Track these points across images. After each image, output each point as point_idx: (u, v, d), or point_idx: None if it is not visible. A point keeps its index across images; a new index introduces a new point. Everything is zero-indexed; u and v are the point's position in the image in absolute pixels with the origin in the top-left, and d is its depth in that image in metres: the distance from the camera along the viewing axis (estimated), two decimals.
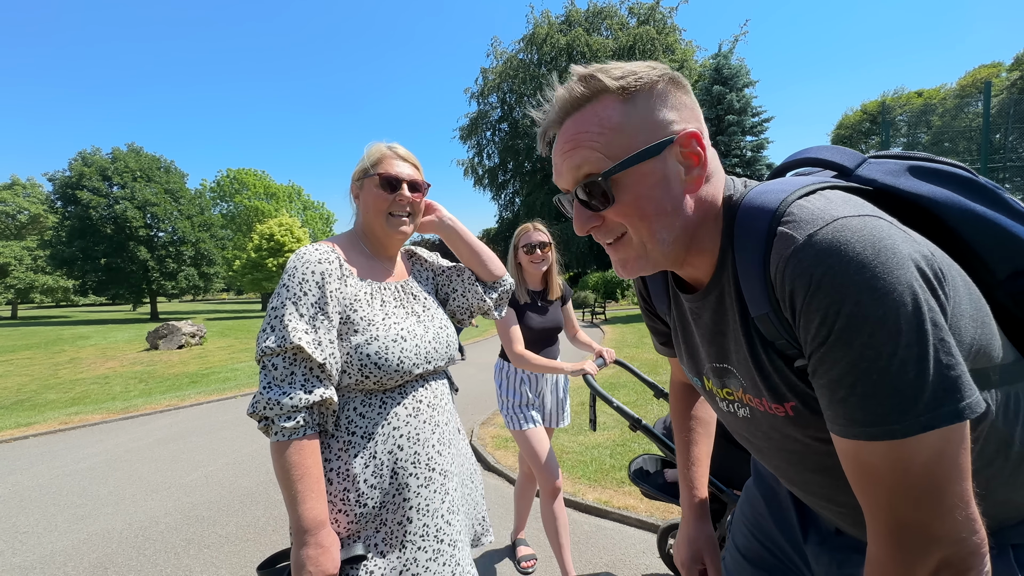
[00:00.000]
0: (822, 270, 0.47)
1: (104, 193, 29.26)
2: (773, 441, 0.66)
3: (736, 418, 0.69)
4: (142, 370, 11.87)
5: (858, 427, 0.47)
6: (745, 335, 0.60)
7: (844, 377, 0.47)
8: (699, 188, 0.58)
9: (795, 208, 0.53)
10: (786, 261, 0.50)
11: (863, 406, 0.46)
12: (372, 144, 1.14)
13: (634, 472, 1.67)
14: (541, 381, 2.15)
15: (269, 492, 3.34)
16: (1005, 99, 13.58)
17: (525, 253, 2.05)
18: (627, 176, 0.56)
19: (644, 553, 2.37)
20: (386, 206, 1.10)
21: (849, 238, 0.47)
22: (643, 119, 0.56)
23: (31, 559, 2.59)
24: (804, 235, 0.49)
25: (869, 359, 0.45)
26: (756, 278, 0.55)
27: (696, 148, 0.57)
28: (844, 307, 0.45)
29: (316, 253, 1.02)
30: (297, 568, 0.89)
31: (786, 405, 0.58)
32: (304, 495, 0.89)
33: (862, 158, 0.65)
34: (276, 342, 0.93)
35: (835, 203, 0.52)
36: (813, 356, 0.50)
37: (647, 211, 0.57)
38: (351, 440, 1.00)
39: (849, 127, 36.51)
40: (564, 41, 26.74)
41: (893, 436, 0.45)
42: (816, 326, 0.48)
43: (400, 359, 1.02)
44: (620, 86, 0.56)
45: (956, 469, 0.45)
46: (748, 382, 0.63)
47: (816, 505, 0.71)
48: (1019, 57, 27.71)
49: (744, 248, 0.57)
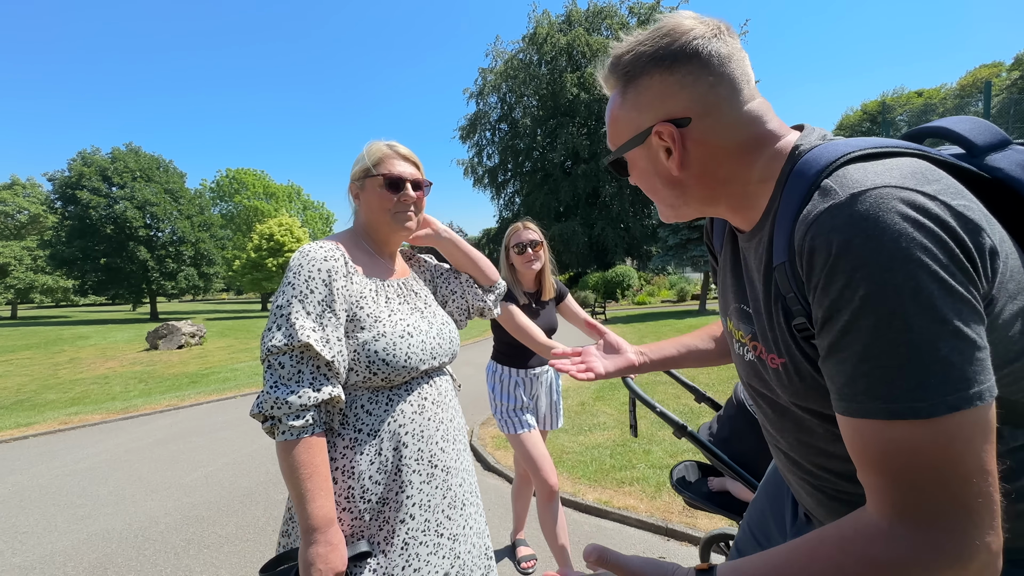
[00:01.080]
0: (851, 234, 0.45)
1: (104, 193, 29.22)
2: (766, 391, 0.67)
3: (743, 361, 0.70)
4: (142, 370, 11.86)
5: (883, 403, 0.44)
6: (764, 283, 0.60)
7: (870, 348, 0.44)
8: (681, 170, 0.62)
9: (850, 166, 0.51)
10: (816, 216, 0.49)
11: (889, 380, 0.44)
12: (372, 143, 1.15)
13: (677, 480, 1.61)
14: (536, 383, 2.13)
15: (269, 492, 3.33)
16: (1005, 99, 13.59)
17: (516, 253, 2.00)
18: (627, 158, 0.68)
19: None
20: (391, 206, 1.10)
21: (892, 206, 0.45)
22: (631, 110, 0.64)
23: (31, 559, 2.58)
24: (846, 193, 0.47)
25: (898, 330, 0.43)
26: (786, 227, 0.54)
27: (665, 142, 0.62)
28: (873, 274, 0.44)
29: (321, 251, 1.02)
30: (306, 566, 0.89)
31: (779, 360, 0.60)
32: (314, 493, 0.89)
33: (1003, 140, 0.58)
34: (283, 340, 0.92)
35: (893, 170, 0.49)
36: (830, 325, 0.47)
37: (647, 186, 0.68)
38: (357, 437, 1.00)
39: (849, 127, 36.52)
40: (564, 41, 26.76)
41: (918, 415, 0.43)
42: (839, 290, 0.46)
43: (408, 355, 1.03)
44: (621, 74, 0.63)
45: (985, 455, 0.43)
46: (759, 328, 0.64)
47: (786, 471, 0.72)
48: (1019, 57, 27.69)
49: (790, 196, 0.56)
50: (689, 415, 4.30)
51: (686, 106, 0.59)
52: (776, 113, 0.62)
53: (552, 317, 2.14)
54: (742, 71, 0.59)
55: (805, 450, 0.64)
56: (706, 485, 1.57)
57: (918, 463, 0.44)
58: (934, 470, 0.43)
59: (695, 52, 0.58)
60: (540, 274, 2.08)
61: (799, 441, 0.64)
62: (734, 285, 0.71)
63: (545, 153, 28.87)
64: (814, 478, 0.65)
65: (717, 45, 0.58)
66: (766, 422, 0.72)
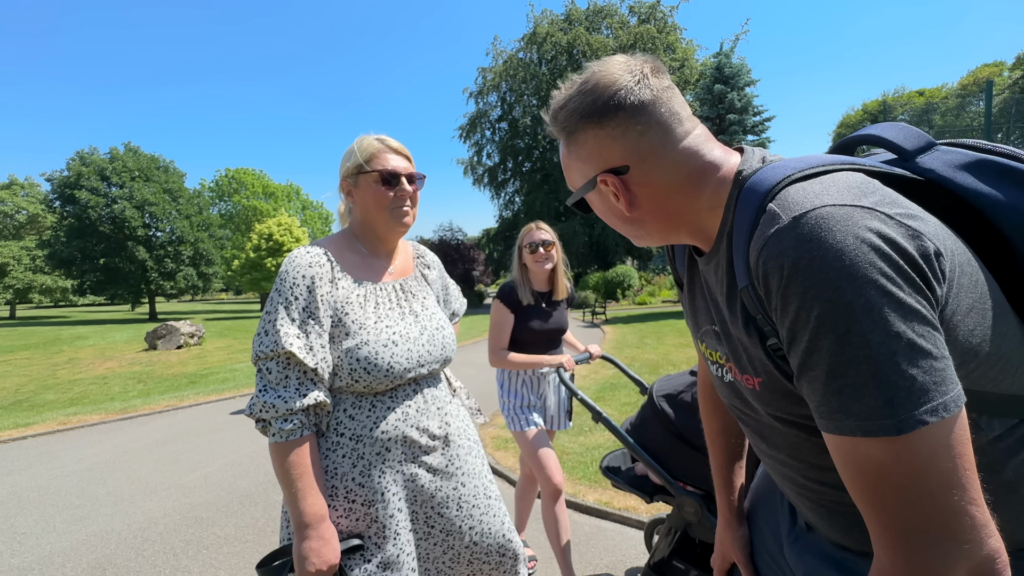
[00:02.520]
0: (798, 255, 0.46)
1: (102, 193, 29.17)
2: (749, 412, 0.67)
3: (723, 383, 0.70)
4: (141, 370, 11.84)
5: (856, 421, 0.45)
6: (729, 306, 0.61)
7: (835, 367, 0.45)
8: (631, 210, 0.65)
9: (790, 189, 0.53)
10: (765, 240, 0.50)
11: (859, 397, 0.44)
12: (362, 137, 1.12)
13: (605, 467, 1.75)
14: (543, 383, 2.13)
15: (268, 493, 3.32)
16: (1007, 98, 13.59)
17: (529, 252, 2.03)
18: (587, 199, 0.70)
19: (644, 555, 2.36)
20: (387, 202, 1.08)
21: (833, 225, 0.46)
22: (576, 160, 0.67)
23: (29, 560, 2.57)
24: (788, 216, 0.49)
25: (856, 346, 0.43)
26: (742, 251, 0.56)
27: (611, 189, 0.64)
28: (822, 293, 0.45)
29: (307, 256, 1.02)
30: (300, 560, 0.92)
31: (755, 380, 0.60)
32: (304, 492, 0.93)
33: (929, 143, 0.62)
34: (269, 347, 0.95)
35: (831, 188, 0.51)
36: (796, 347, 0.48)
37: (609, 222, 0.69)
38: (339, 441, 1.01)
39: (850, 127, 36.51)
40: (565, 40, 26.72)
41: (888, 432, 0.43)
42: (794, 312, 0.47)
43: (390, 364, 1.02)
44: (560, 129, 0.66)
45: (964, 461, 0.43)
46: (729, 350, 0.64)
47: (782, 486, 0.71)
48: (1021, 56, 27.70)
49: (741, 220, 0.58)
50: None
51: (622, 155, 0.62)
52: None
53: (563, 317, 2.16)
54: (670, 111, 0.61)
55: (798, 465, 0.63)
56: (633, 471, 1.70)
57: (895, 482, 0.44)
58: (909, 489, 0.43)
59: (619, 105, 0.60)
60: (553, 274, 2.10)
61: (791, 456, 0.64)
62: (703, 307, 0.71)
63: (545, 153, 28.83)
64: (811, 492, 0.64)
65: (641, 93, 0.60)
66: (755, 439, 0.71)
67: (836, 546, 0.66)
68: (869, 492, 0.46)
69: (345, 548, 0.97)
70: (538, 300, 2.07)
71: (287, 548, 0.99)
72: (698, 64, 25.45)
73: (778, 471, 0.69)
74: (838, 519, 0.63)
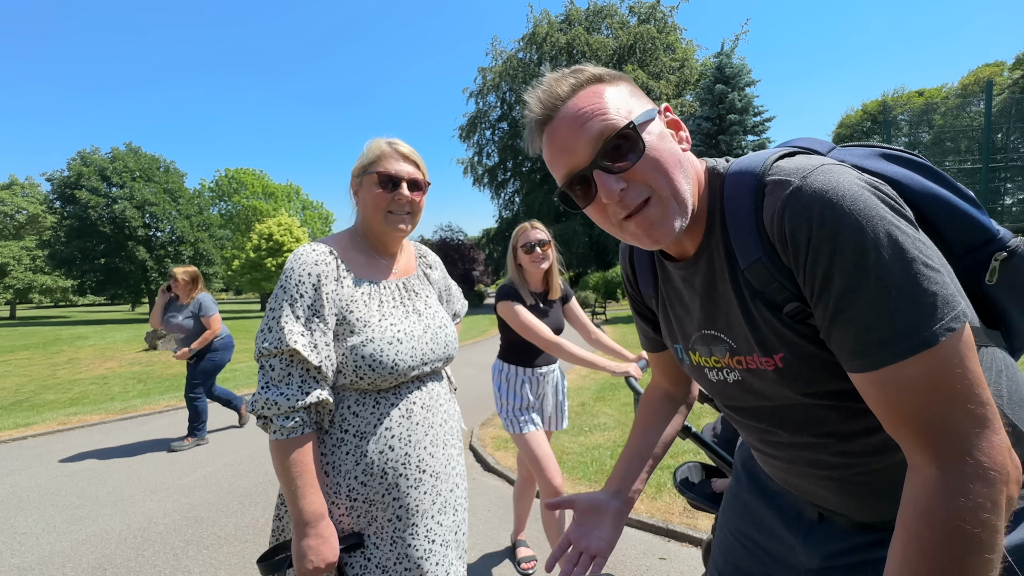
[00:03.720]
0: (820, 205, 0.51)
1: (103, 193, 29.19)
2: (764, 404, 0.68)
3: (727, 384, 0.71)
4: (141, 370, 11.85)
5: (896, 346, 0.49)
6: (735, 290, 0.63)
7: (872, 301, 0.49)
8: (688, 148, 0.66)
9: (779, 164, 0.59)
10: (784, 202, 0.54)
11: (895, 323, 0.48)
12: (373, 140, 1.13)
13: (680, 481, 1.59)
14: (543, 383, 2.12)
15: (268, 493, 3.33)
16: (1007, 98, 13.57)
17: (524, 252, 2.01)
18: (643, 131, 0.60)
19: (644, 554, 2.36)
20: (385, 204, 1.08)
21: (837, 178, 0.52)
22: (629, 95, 0.64)
23: (29, 560, 2.57)
24: (797, 178, 0.54)
25: (887, 276, 0.48)
26: (747, 227, 0.60)
27: (674, 116, 0.66)
28: (851, 234, 0.49)
29: (313, 254, 1.02)
30: (299, 558, 0.93)
31: (775, 357, 0.61)
32: (303, 490, 0.93)
33: (832, 146, 0.69)
34: (273, 344, 0.95)
35: (813, 158, 0.59)
36: (827, 294, 0.52)
37: (670, 161, 0.61)
38: (343, 438, 1.02)
39: (850, 127, 36.49)
40: (564, 40, 26.71)
41: (927, 344, 0.47)
42: (827, 257, 0.51)
43: (395, 361, 1.03)
44: (602, 75, 0.64)
45: (977, 366, 0.48)
46: (739, 341, 0.65)
47: (799, 478, 0.71)
48: (1021, 56, 27.70)
49: (734, 203, 0.62)
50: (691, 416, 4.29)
51: None
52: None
53: (559, 317, 2.15)
54: None
55: (824, 442, 0.65)
56: (710, 486, 1.55)
57: (936, 391, 0.48)
58: (948, 393, 0.48)
59: None
60: (548, 274, 2.09)
61: (816, 435, 0.65)
62: (695, 312, 0.71)
63: None
64: (838, 470, 0.65)
65: None
66: (770, 434, 0.71)
67: (856, 525, 0.68)
68: (912, 410, 0.49)
69: (344, 547, 0.98)
70: (535, 300, 2.06)
71: (287, 544, 0.99)
72: (698, 64, 25.45)
73: (798, 459, 0.69)
74: (866, 492, 0.65)
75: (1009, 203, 13.23)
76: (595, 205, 0.63)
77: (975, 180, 12.01)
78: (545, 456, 1.94)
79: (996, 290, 0.63)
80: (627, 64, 24.63)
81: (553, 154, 0.64)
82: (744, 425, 0.75)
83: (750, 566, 0.84)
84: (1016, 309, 0.64)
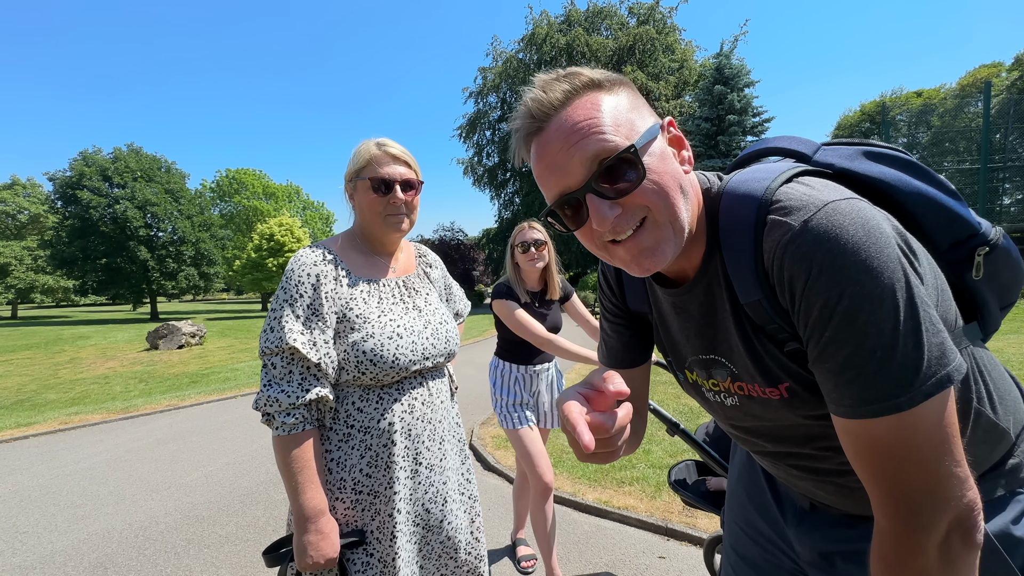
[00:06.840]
0: (821, 254, 0.48)
1: (104, 193, 29.19)
2: (763, 424, 0.67)
3: (724, 407, 0.70)
4: (142, 370, 11.87)
5: (865, 406, 0.48)
6: (736, 322, 0.61)
7: (851, 358, 0.48)
8: (690, 169, 0.60)
9: (781, 195, 0.55)
10: (784, 247, 0.51)
11: (871, 384, 0.48)
12: (362, 143, 1.14)
13: (674, 481, 1.62)
14: (537, 380, 2.14)
15: (269, 492, 3.34)
16: (1005, 99, 13.56)
17: (521, 252, 2.03)
18: (643, 154, 0.54)
19: (644, 553, 2.37)
20: (381, 208, 1.10)
21: (842, 222, 0.49)
22: (629, 107, 0.57)
23: (31, 559, 2.59)
24: (799, 221, 0.51)
25: (874, 336, 0.47)
26: (746, 266, 0.56)
27: (677, 132, 0.60)
28: (846, 289, 0.47)
29: (312, 255, 1.05)
30: (299, 553, 0.95)
31: (780, 387, 0.60)
32: (304, 486, 0.96)
33: (817, 145, 0.68)
34: (274, 342, 0.98)
35: (818, 189, 0.54)
36: (814, 340, 0.51)
37: (670, 185, 0.55)
38: (349, 433, 1.05)
39: (848, 127, 36.47)
40: (564, 41, 26.71)
41: (900, 409, 0.47)
42: (819, 308, 0.49)
43: (396, 356, 1.05)
44: (600, 81, 0.56)
45: (952, 429, 0.48)
46: (740, 369, 0.63)
47: (796, 479, 0.72)
48: (1019, 57, 27.68)
49: (732, 236, 0.58)
50: (689, 415, 4.30)
51: None
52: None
53: (557, 316, 2.16)
54: None
55: (825, 455, 0.65)
56: (704, 485, 1.58)
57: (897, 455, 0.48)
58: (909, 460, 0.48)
59: None
60: (545, 273, 2.10)
61: (819, 449, 0.65)
62: (690, 339, 0.69)
63: None
64: (839, 476, 0.66)
65: None
66: (769, 445, 0.71)
67: (849, 515, 0.70)
68: (873, 465, 0.50)
69: (344, 543, 0.99)
70: (532, 299, 2.08)
71: (291, 537, 1.01)
72: (697, 65, 25.44)
73: (797, 466, 0.70)
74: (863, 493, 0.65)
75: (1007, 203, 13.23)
76: (585, 228, 0.58)
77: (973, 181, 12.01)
78: (537, 452, 1.95)
79: (977, 282, 0.64)
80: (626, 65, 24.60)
81: (542, 171, 0.57)
82: (742, 440, 0.75)
83: (756, 554, 0.86)
84: (992, 297, 0.66)
